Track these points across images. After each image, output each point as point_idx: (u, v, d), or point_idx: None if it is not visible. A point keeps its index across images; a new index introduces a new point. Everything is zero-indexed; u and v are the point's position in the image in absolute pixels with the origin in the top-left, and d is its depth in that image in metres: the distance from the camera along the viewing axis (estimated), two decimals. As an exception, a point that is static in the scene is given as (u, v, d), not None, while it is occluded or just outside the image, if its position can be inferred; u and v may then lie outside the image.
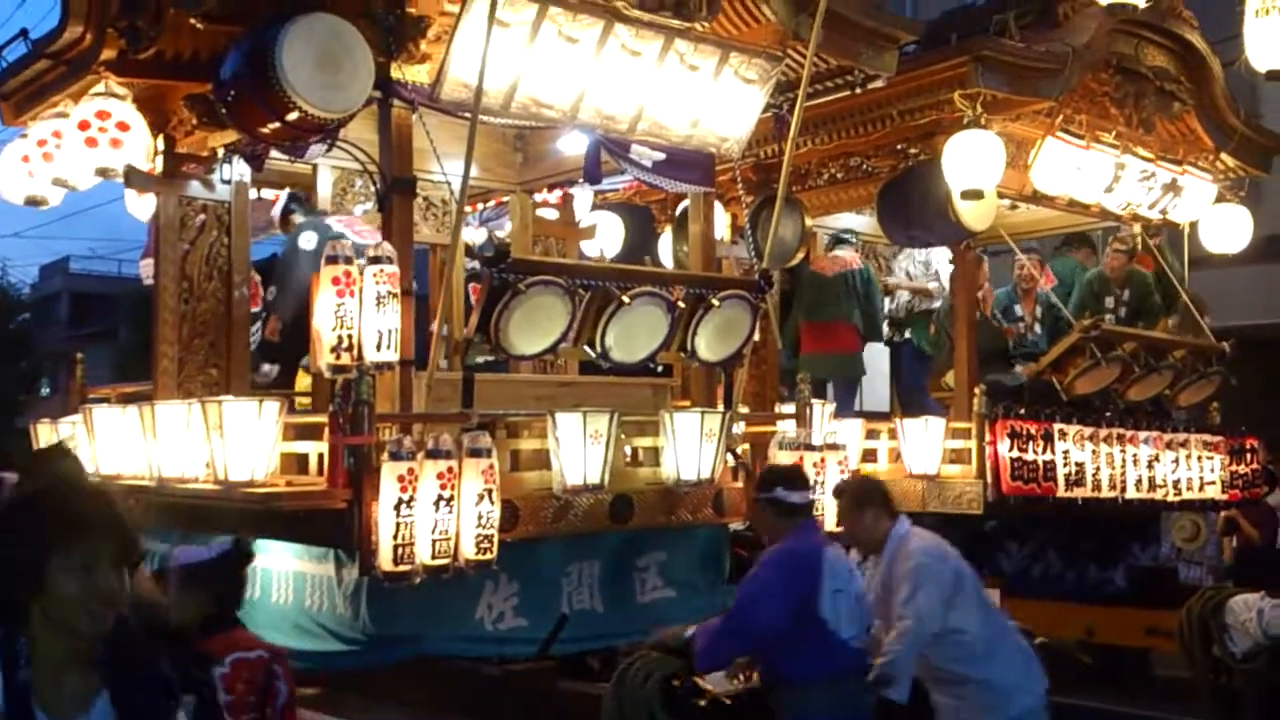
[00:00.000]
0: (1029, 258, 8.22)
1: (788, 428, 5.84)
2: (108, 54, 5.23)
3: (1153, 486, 7.31)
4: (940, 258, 8.52)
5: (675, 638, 4.64)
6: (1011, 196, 7.21)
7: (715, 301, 5.35)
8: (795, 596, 4.28)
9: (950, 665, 4.46)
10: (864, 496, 4.74)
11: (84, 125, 5.43)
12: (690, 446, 5.19)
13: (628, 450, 5.31)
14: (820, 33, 5.36)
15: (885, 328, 8.24)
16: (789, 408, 6.11)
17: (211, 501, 4.78)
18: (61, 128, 5.64)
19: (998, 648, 4.51)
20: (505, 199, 7.07)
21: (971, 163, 6.34)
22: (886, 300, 8.53)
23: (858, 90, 6.02)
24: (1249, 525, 8.78)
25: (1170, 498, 7.51)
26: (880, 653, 4.39)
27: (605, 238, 8.00)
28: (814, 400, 6.04)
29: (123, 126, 5.44)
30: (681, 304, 5.28)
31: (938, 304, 8.38)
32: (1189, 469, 7.60)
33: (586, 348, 5.18)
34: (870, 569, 4.74)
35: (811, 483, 4.82)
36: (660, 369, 6.34)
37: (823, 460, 5.61)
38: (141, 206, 6.48)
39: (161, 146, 5.72)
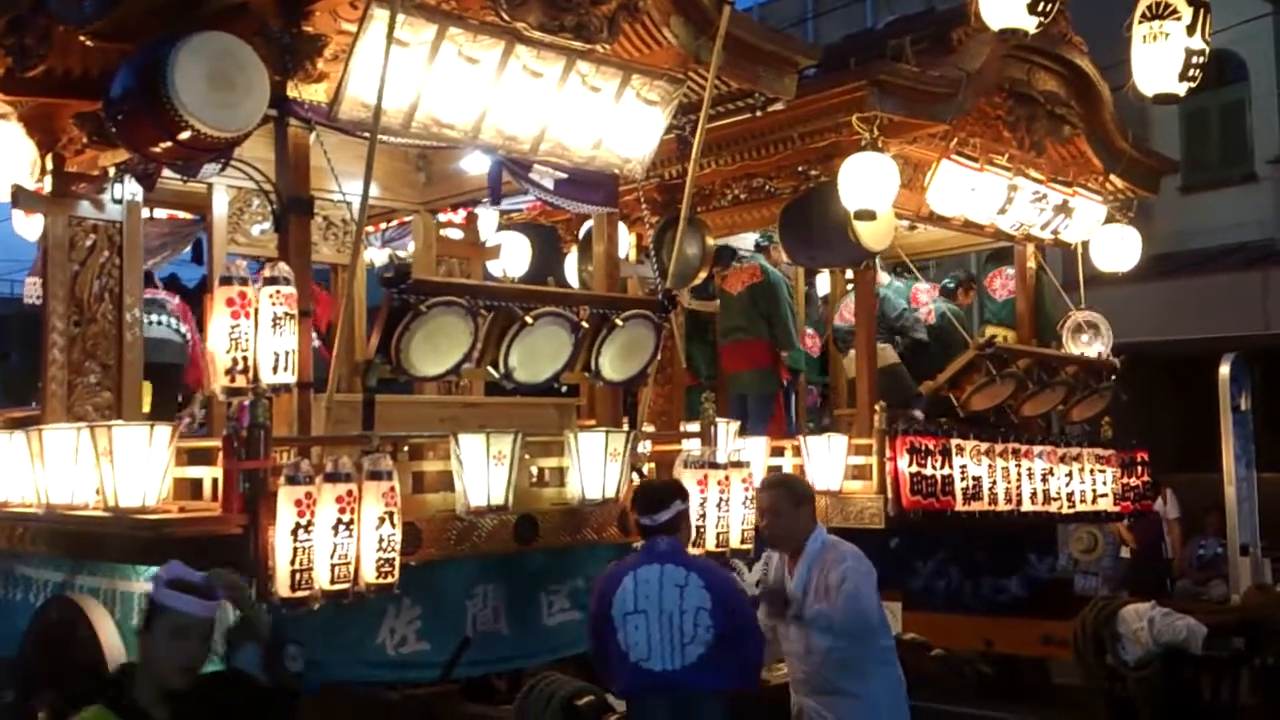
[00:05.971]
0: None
1: (693, 446, 5.87)
2: (-7, 72, 5.09)
3: (1047, 499, 7.49)
4: (820, 287, 8.76)
5: None
6: (909, 217, 7.37)
7: (619, 321, 5.36)
8: (591, 617, 4.35)
9: (835, 677, 4.49)
10: (804, 494, 4.70)
11: None
12: (595, 466, 5.19)
13: (533, 471, 5.30)
14: (721, 56, 5.43)
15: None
16: (695, 426, 6.15)
17: (101, 529, 4.66)
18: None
19: (881, 667, 4.57)
20: (408, 219, 7.01)
21: (866, 184, 6.47)
22: None
23: (758, 113, 6.09)
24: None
25: (1064, 510, 7.70)
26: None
27: (511, 258, 7.97)
28: (718, 419, 6.08)
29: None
30: (585, 324, 5.28)
31: None
32: (1082, 482, 7.80)
33: (490, 369, 5.16)
34: (774, 567, 4.69)
35: (669, 504, 4.42)
36: (565, 389, 6.33)
37: (727, 478, 5.63)
38: (30, 227, 6.31)
39: (50, 165, 5.58)
